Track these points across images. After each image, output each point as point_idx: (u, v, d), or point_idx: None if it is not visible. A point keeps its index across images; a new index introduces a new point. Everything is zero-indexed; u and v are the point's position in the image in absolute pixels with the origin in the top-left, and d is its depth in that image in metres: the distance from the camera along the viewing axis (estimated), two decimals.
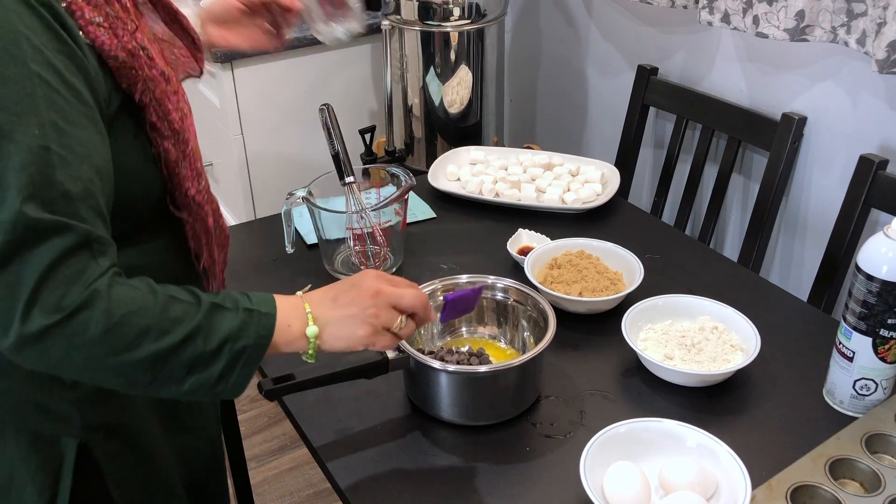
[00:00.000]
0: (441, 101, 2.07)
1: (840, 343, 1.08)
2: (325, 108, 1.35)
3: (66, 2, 0.79)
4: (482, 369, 1.06)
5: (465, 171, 1.68)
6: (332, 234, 1.38)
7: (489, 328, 1.21)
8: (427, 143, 2.14)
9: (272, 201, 2.32)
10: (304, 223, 1.51)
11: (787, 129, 1.63)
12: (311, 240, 1.49)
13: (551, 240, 1.41)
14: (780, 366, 1.18)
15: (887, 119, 1.50)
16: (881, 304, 1.01)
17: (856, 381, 1.07)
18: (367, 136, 2.13)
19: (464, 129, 2.11)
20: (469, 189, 1.62)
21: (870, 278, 1.01)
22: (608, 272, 1.31)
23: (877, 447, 1.00)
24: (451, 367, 1.04)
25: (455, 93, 2.06)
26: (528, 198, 1.58)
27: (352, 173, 1.34)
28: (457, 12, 1.96)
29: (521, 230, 1.46)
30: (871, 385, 1.06)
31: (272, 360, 1.19)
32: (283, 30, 1.30)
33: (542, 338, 1.08)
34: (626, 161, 1.99)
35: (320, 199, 1.37)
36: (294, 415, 1.10)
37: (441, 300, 1.13)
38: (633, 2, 1.87)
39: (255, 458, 2.18)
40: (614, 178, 1.64)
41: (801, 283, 1.75)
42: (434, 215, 1.58)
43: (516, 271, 1.37)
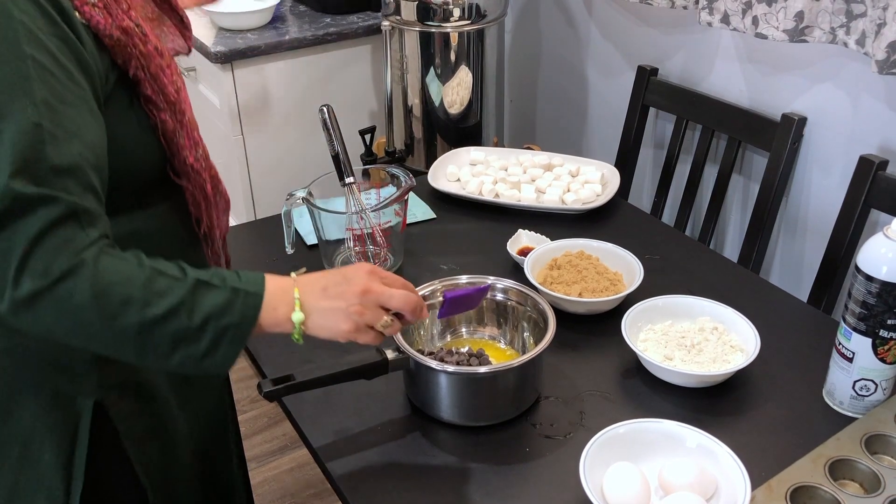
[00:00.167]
0: (441, 101, 2.07)
1: (840, 344, 1.08)
2: (324, 109, 1.36)
3: None
4: (482, 370, 1.06)
5: (465, 171, 1.68)
6: (332, 234, 1.38)
7: (489, 329, 1.21)
8: (427, 143, 2.14)
9: (272, 202, 2.32)
10: (304, 224, 1.51)
11: (787, 129, 1.63)
12: (311, 240, 1.49)
13: (551, 240, 1.41)
14: (780, 366, 1.18)
15: (887, 120, 1.50)
16: (881, 305, 1.01)
17: (855, 382, 1.07)
18: (367, 137, 2.13)
19: (464, 130, 2.11)
20: (469, 190, 1.62)
21: (869, 279, 1.01)
22: (608, 273, 1.31)
23: (876, 448, 1.00)
24: (451, 368, 1.04)
25: (455, 93, 2.06)
26: (527, 198, 1.58)
27: (352, 174, 1.34)
28: (457, 13, 1.96)
29: (520, 231, 1.46)
30: (871, 386, 1.06)
31: (272, 361, 1.20)
32: None
33: (541, 338, 1.08)
34: (626, 162, 1.99)
35: (320, 199, 1.37)
36: (294, 415, 1.10)
37: (440, 298, 1.13)
38: (633, 2, 1.87)
39: (255, 458, 2.18)
40: (614, 178, 1.64)
41: (800, 284, 1.75)
42: (434, 216, 1.58)
43: (516, 272, 1.37)
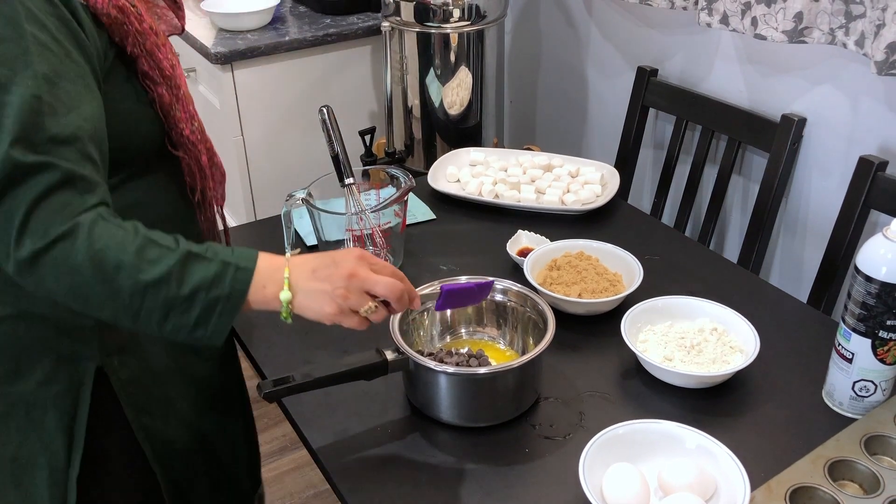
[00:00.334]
0: (441, 102, 2.07)
1: (839, 344, 1.08)
2: (324, 110, 1.36)
3: None
4: (481, 371, 1.06)
5: (464, 172, 1.68)
6: (332, 235, 1.38)
7: (488, 329, 1.21)
8: (427, 144, 2.14)
9: (272, 203, 2.32)
10: (303, 225, 1.51)
11: (786, 130, 1.63)
12: (311, 241, 1.49)
13: (551, 241, 1.41)
14: (780, 367, 1.18)
15: (887, 120, 1.50)
16: (880, 306, 1.01)
17: (855, 383, 1.07)
18: (367, 138, 2.14)
19: (463, 131, 2.12)
20: (469, 190, 1.62)
21: (869, 280, 1.01)
22: (608, 273, 1.31)
23: (876, 449, 1.00)
24: (451, 369, 1.04)
25: (455, 94, 2.06)
26: (527, 199, 1.58)
27: (351, 175, 1.34)
28: (457, 14, 1.97)
29: (520, 231, 1.46)
30: (871, 386, 1.06)
31: (272, 362, 1.20)
32: None
33: (541, 339, 1.08)
34: (625, 162, 1.99)
35: (320, 200, 1.37)
36: (293, 416, 1.10)
37: (438, 290, 1.12)
38: (632, 3, 1.87)
39: None
40: (614, 179, 1.64)
41: (800, 285, 1.75)
42: (434, 217, 1.58)
43: (516, 273, 1.37)
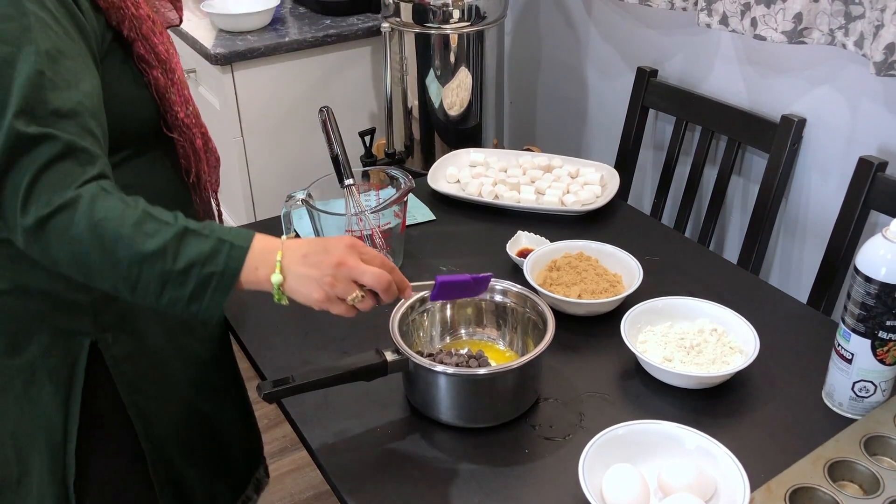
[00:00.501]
0: (441, 103, 2.07)
1: (839, 345, 1.08)
2: (324, 111, 1.36)
3: None
4: (481, 371, 1.06)
5: (464, 173, 1.68)
6: (332, 236, 1.38)
7: (488, 330, 1.21)
8: (427, 145, 2.14)
9: (272, 203, 2.32)
10: (303, 225, 1.51)
11: (786, 131, 1.63)
12: None
13: (550, 242, 1.41)
14: (780, 368, 1.18)
15: (886, 121, 1.50)
16: (880, 306, 1.01)
17: (855, 383, 1.07)
18: (367, 139, 2.14)
19: (463, 132, 2.12)
20: (469, 191, 1.62)
21: (868, 280, 1.01)
22: (607, 274, 1.31)
23: (876, 449, 1.00)
24: (451, 370, 1.04)
25: (455, 95, 2.06)
26: (527, 200, 1.58)
27: (351, 175, 1.34)
28: (456, 14, 1.97)
29: (520, 232, 1.46)
30: (870, 387, 1.06)
31: (271, 363, 1.20)
32: None
33: (541, 340, 1.08)
34: (625, 163, 1.99)
35: (320, 201, 1.37)
36: (293, 417, 1.10)
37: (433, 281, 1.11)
38: (632, 4, 1.87)
39: None
40: (613, 180, 1.64)
41: (800, 285, 1.75)
42: (433, 217, 1.58)
43: (516, 273, 1.37)
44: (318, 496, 2.10)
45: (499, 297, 1.19)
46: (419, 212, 1.59)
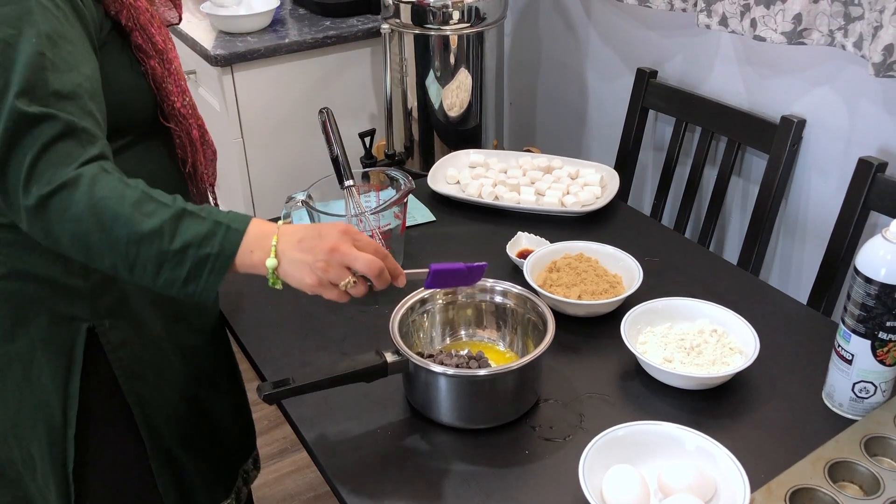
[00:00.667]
0: (441, 104, 2.07)
1: (839, 346, 1.08)
2: (324, 112, 1.36)
3: None
4: (481, 373, 1.06)
5: (464, 174, 1.68)
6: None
7: (488, 331, 1.21)
8: (427, 146, 2.14)
9: (272, 205, 2.32)
10: None
11: (786, 131, 1.63)
12: None
13: (550, 243, 1.41)
14: (780, 369, 1.18)
15: (886, 122, 1.50)
16: (880, 307, 1.01)
17: (855, 384, 1.07)
18: (367, 140, 2.14)
19: (463, 133, 2.12)
20: (468, 192, 1.62)
21: (868, 281, 1.01)
22: (607, 275, 1.31)
23: (876, 450, 1.00)
24: (451, 371, 1.04)
25: (455, 96, 2.06)
26: (527, 201, 1.58)
27: (351, 177, 1.34)
28: (456, 16, 1.97)
29: (520, 233, 1.46)
30: (870, 388, 1.06)
31: (271, 364, 1.20)
32: None
33: (541, 341, 1.08)
34: (625, 164, 1.99)
35: (320, 202, 1.38)
36: (293, 418, 1.10)
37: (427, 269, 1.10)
38: (631, 5, 1.88)
39: None
40: (613, 180, 1.64)
41: (800, 286, 1.75)
42: (433, 219, 1.58)
43: (516, 274, 1.37)
44: (318, 497, 2.10)
45: (499, 299, 1.19)
46: (419, 213, 1.59)
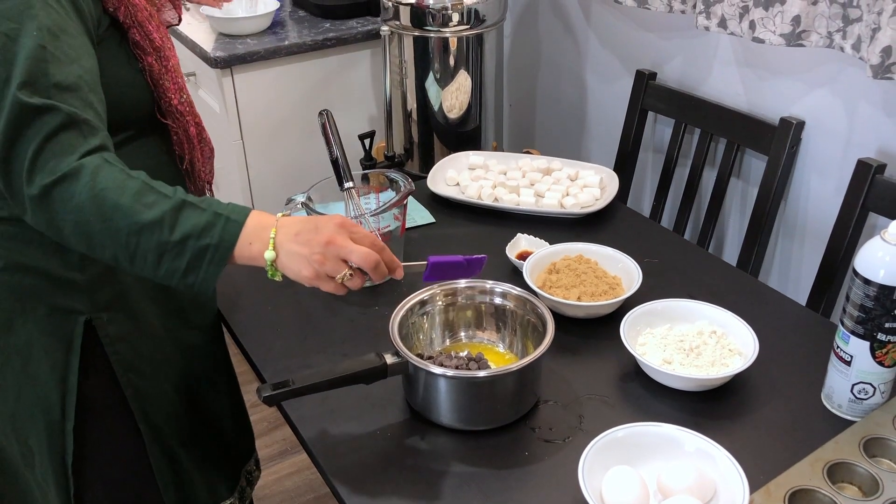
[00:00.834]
0: (440, 106, 2.07)
1: (838, 347, 1.08)
2: (324, 114, 1.36)
3: None
4: (481, 374, 1.06)
5: (464, 176, 1.68)
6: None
7: (488, 333, 1.21)
8: (426, 148, 2.14)
9: (272, 206, 2.31)
10: None
11: (785, 133, 1.63)
12: None
13: (550, 244, 1.41)
14: (779, 370, 1.18)
15: (884, 123, 1.50)
16: (879, 308, 1.01)
17: (854, 385, 1.07)
18: (367, 142, 2.14)
19: (463, 134, 2.12)
20: (468, 194, 1.62)
21: (867, 282, 1.01)
22: (607, 276, 1.31)
23: (875, 451, 1.00)
24: (450, 372, 1.04)
25: (454, 98, 2.06)
26: (526, 202, 1.59)
27: (351, 179, 1.34)
28: (455, 18, 1.97)
29: (519, 235, 1.47)
30: (869, 389, 1.06)
31: (271, 366, 1.20)
32: None
33: (540, 342, 1.08)
34: (624, 165, 2.00)
35: (319, 204, 1.38)
36: (293, 420, 1.10)
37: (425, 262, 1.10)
38: (630, 7, 1.88)
39: None
40: (613, 182, 1.64)
41: (799, 287, 1.75)
42: (433, 220, 1.58)
43: (515, 276, 1.37)
44: (317, 498, 2.10)
45: (498, 300, 1.20)
46: (419, 214, 1.59)
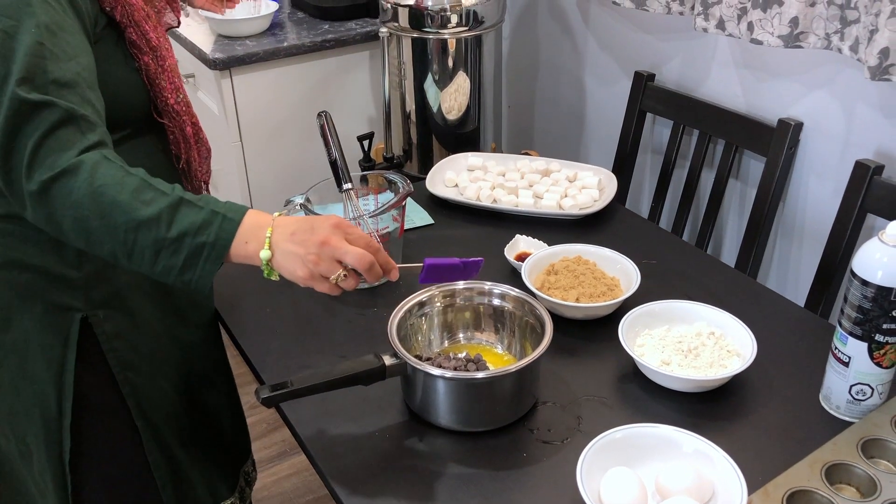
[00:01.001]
0: (439, 107, 2.07)
1: (836, 348, 1.08)
2: (322, 115, 1.36)
3: None
4: (479, 375, 1.06)
5: (462, 177, 1.69)
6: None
7: (486, 334, 1.22)
8: (425, 149, 2.14)
9: (270, 208, 2.30)
10: None
11: (783, 134, 1.63)
12: None
13: (548, 246, 1.41)
14: (777, 371, 1.18)
15: (882, 125, 1.51)
16: (876, 310, 1.01)
17: (852, 387, 1.07)
18: (366, 143, 2.14)
19: (462, 136, 2.12)
20: (467, 195, 1.63)
21: (865, 283, 1.01)
22: (605, 278, 1.32)
23: (873, 452, 1.00)
24: (449, 374, 1.04)
25: (453, 99, 2.06)
26: (525, 204, 1.59)
27: (349, 180, 1.34)
28: (454, 19, 1.97)
29: (518, 236, 1.47)
30: (867, 390, 1.07)
31: (270, 367, 1.20)
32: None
33: (539, 344, 1.08)
34: (623, 167, 2.00)
35: (318, 205, 1.38)
36: (292, 421, 1.10)
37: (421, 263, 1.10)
38: (629, 9, 1.88)
39: None
40: (611, 183, 1.64)
41: (797, 289, 1.75)
42: (432, 221, 1.58)
43: (514, 277, 1.37)
44: (316, 500, 2.10)
45: (497, 301, 1.20)
46: (417, 216, 1.59)
